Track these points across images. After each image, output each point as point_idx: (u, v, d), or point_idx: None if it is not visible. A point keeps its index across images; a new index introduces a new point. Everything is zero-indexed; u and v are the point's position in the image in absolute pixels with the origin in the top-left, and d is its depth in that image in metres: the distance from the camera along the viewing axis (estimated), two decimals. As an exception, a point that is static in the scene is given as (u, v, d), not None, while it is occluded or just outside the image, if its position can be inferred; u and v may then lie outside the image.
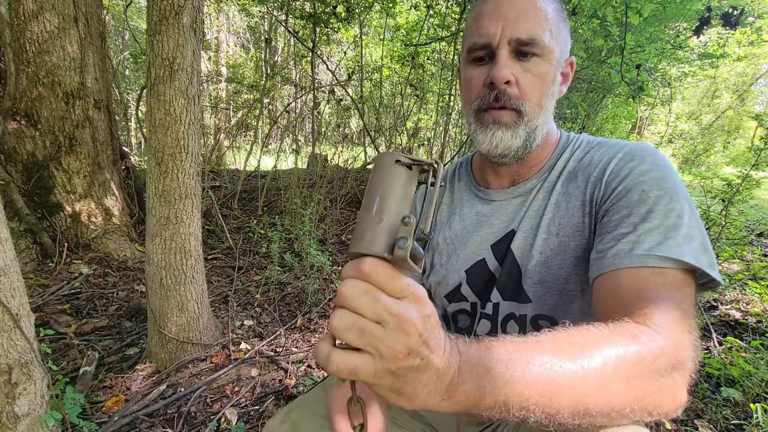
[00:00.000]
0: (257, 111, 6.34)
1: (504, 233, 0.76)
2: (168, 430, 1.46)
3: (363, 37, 5.77)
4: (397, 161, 0.40)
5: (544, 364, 0.44)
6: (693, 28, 4.36)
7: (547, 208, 0.71)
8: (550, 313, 0.71)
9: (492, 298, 0.77)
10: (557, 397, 0.43)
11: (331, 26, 4.87)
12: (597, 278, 0.60)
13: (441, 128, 5.39)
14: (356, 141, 7.08)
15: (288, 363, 1.87)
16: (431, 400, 0.40)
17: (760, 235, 4.19)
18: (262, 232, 3.65)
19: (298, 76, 6.95)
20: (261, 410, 1.58)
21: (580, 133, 0.83)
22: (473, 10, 0.71)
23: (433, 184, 0.40)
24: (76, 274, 2.56)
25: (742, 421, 1.48)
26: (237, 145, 7.43)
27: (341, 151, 5.86)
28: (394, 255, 0.37)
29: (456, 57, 4.71)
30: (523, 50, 0.65)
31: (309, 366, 1.89)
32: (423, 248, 0.40)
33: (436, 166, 0.40)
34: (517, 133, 0.68)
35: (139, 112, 5.20)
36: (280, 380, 1.77)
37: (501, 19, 0.64)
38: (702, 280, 0.57)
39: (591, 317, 0.67)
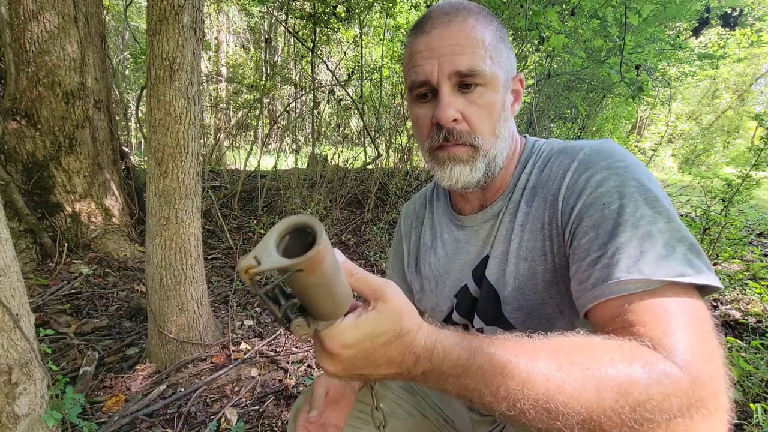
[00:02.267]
0: (257, 111, 6.34)
1: (479, 259, 0.73)
2: (168, 430, 1.46)
3: (363, 37, 5.77)
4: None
5: (528, 380, 0.42)
6: (692, 29, 4.36)
7: (513, 231, 0.68)
8: None
9: (475, 323, 0.76)
10: (531, 406, 0.41)
11: (331, 26, 4.88)
12: (588, 313, 0.54)
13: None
14: (356, 141, 7.08)
15: (288, 363, 1.87)
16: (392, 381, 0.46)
17: (760, 235, 4.19)
18: (262, 232, 3.65)
19: (298, 76, 6.96)
20: (261, 410, 1.58)
21: (581, 133, 0.82)
22: (407, 46, 0.67)
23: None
24: (76, 274, 2.56)
25: (742, 421, 1.47)
26: (237, 145, 7.42)
27: (341, 151, 5.86)
28: None
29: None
30: (465, 82, 0.61)
31: (309, 366, 1.89)
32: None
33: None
34: (475, 167, 0.65)
35: (139, 112, 5.20)
36: (280, 380, 1.77)
37: (436, 55, 0.61)
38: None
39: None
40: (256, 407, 1.61)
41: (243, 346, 1.99)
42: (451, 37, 0.60)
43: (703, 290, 0.49)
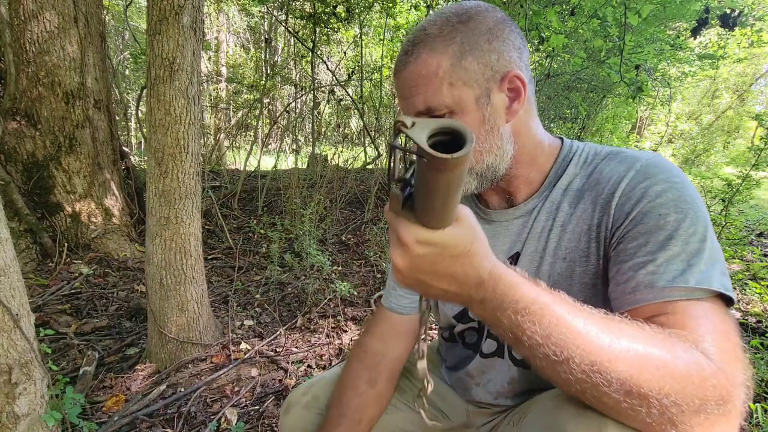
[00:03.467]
0: (257, 111, 6.34)
1: (508, 255, 0.73)
2: (168, 430, 1.46)
3: (363, 37, 5.77)
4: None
5: (585, 338, 0.44)
6: (691, 30, 4.36)
7: (552, 230, 0.68)
8: None
9: None
10: (580, 348, 0.44)
11: (331, 26, 4.87)
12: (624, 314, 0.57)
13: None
14: (356, 141, 7.08)
15: (288, 363, 1.88)
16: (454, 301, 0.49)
17: (760, 235, 4.19)
18: (262, 232, 3.65)
19: (298, 76, 6.96)
20: (261, 410, 1.59)
21: (581, 133, 0.81)
22: None
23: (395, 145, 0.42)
24: (76, 274, 2.56)
25: (742, 421, 1.48)
26: (237, 145, 7.42)
27: (341, 151, 5.86)
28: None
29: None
30: (434, 114, 0.63)
31: (309, 366, 1.89)
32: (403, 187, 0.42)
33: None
34: (467, 182, 0.68)
35: (139, 112, 5.20)
36: (280, 380, 1.77)
37: (403, 96, 0.65)
38: None
39: None
40: (256, 407, 1.61)
41: (243, 346, 1.99)
42: (407, 81, 0.64)
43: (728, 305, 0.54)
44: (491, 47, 0.63)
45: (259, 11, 7.28)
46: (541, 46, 2.89)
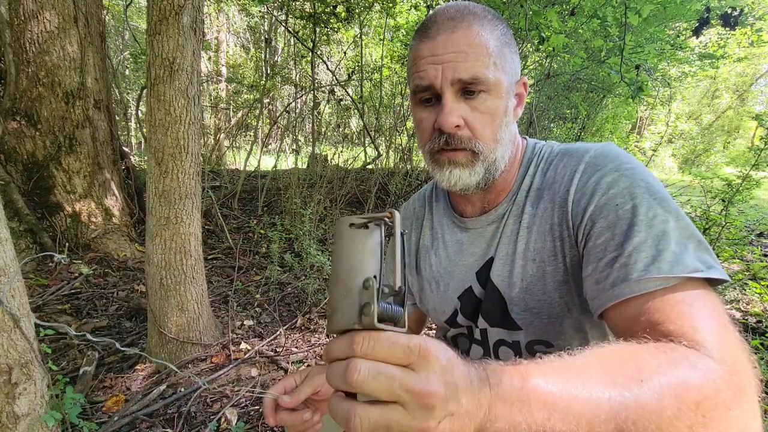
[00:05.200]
0: (257, 111, 6.34)
1: (484, 261, 0.74)
2: (168, 430, 1.46)
3: (363, 37, 5.78)
4: (351, 225, 0.39)
5: (591, 400, 0.38)
6: (692, 29, 4.36)
7: (519, 233, 0.69)
8: (544, 337, 0.70)
9: (479, 324, 0.76)
10: None
11: (331, 26, 4.88)
12: (605, 312, 0.54)
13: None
14: (356, 141, 7.08)
15: (288, 363, 1.88)
16: None
17: (760, 235, 4.19)
18: (262, 232, 3.65)
19: (298, 76, 6.96)
20: (261, 410, 1.58)
21: (581, 133, 0.81)
22: (411, 49, 0.67)
23: (393, 234, 0.39)
24: (76, 274, 2.56)
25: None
26: (237, 145, 7.43)
27: (341, 151, 5.86)
28: (362, 323, 0.35)
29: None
30: (468, 89, 0.61)
31: (309, 366, 1.89)
32: (401, 303, 0.38)
33: (390, 217, 0.38)
34: (474, 170, 0.66)
35: (139, 112, 5.20)
36: (279, 380, 1.77)
37: (440, 61, 0.61)
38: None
39: (585, 332, 0.67)
40: (256, 407, 1.61)
41: (243, 346, 1.99)
42: (455, 44, 0.60)
43: (713, 283, 0.52)
44: (513, 50, 0.65)
45: (259, 11, 7.28)
46: (541, 46, 2.89)
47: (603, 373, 0.41)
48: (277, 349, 2.00)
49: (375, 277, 0.37)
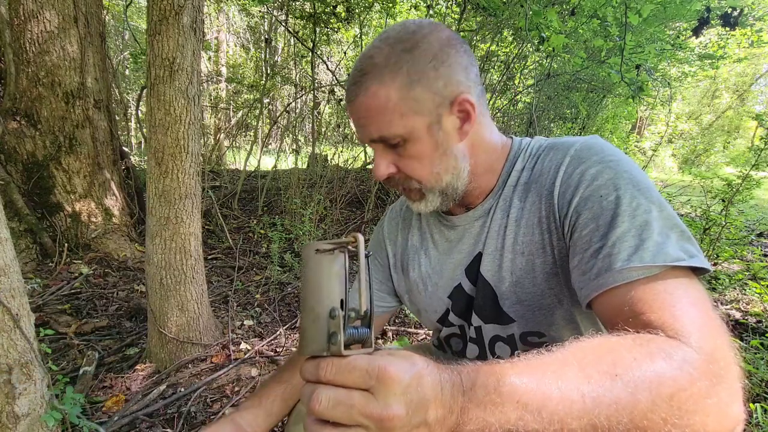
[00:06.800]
0: (257, 111, 6.34)
1: (472, 257, 0.75)
2: (168, 430, 1.46)
3: (363, 37, 5.77)
4: (317, 251, 0.40)
5: (565, 398, 0.39)
6: (692, 29, 4.36)
7: (507, 226, 0.69)
8: (536, 329, 0.70)
9: (473, 321, 0.76)
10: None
11: (331, 26, 4.88)
12: (592, 302, 0.56)
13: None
14: (356, 141, 7.07)
15: (288, 363, 1.87)
16: None
17: (760, 235, 4.19)
18: (262, 232, 3.65)
19: (298, 76, 6.95)
20: (261, 410, 1.58)
21: (581, 133, 0.81)
22: None
23: (357, 257, 0.40)
24: (76, 274, 2.56)
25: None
26: (237, 145, 7.43)
27: (341, 151, 5.86)
28: (330, 352, 0.38)
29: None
30: (389, 142, 0.63)
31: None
32: (368, 325, 0.40)
33: (354, 243, 0.40)
34: (428, 201, 0.69)
35: (139, 112, 5.20)
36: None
37: (357, 124, 0.65)
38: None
39: (576, 323, 0.67)
40: (256, 407, 1.60)
41: (243, 346, 1.99)
42: (358, 111, 0.63)
43: (696, 272, 0.53)
44: (438, 74, 0.61)
45: (259, 11, 7.28)
46: (541, 46, 2.89)
47: (579, 369, 0.42)
48: (277, 349, 2.00)
49: (342, 300, 0.39)
